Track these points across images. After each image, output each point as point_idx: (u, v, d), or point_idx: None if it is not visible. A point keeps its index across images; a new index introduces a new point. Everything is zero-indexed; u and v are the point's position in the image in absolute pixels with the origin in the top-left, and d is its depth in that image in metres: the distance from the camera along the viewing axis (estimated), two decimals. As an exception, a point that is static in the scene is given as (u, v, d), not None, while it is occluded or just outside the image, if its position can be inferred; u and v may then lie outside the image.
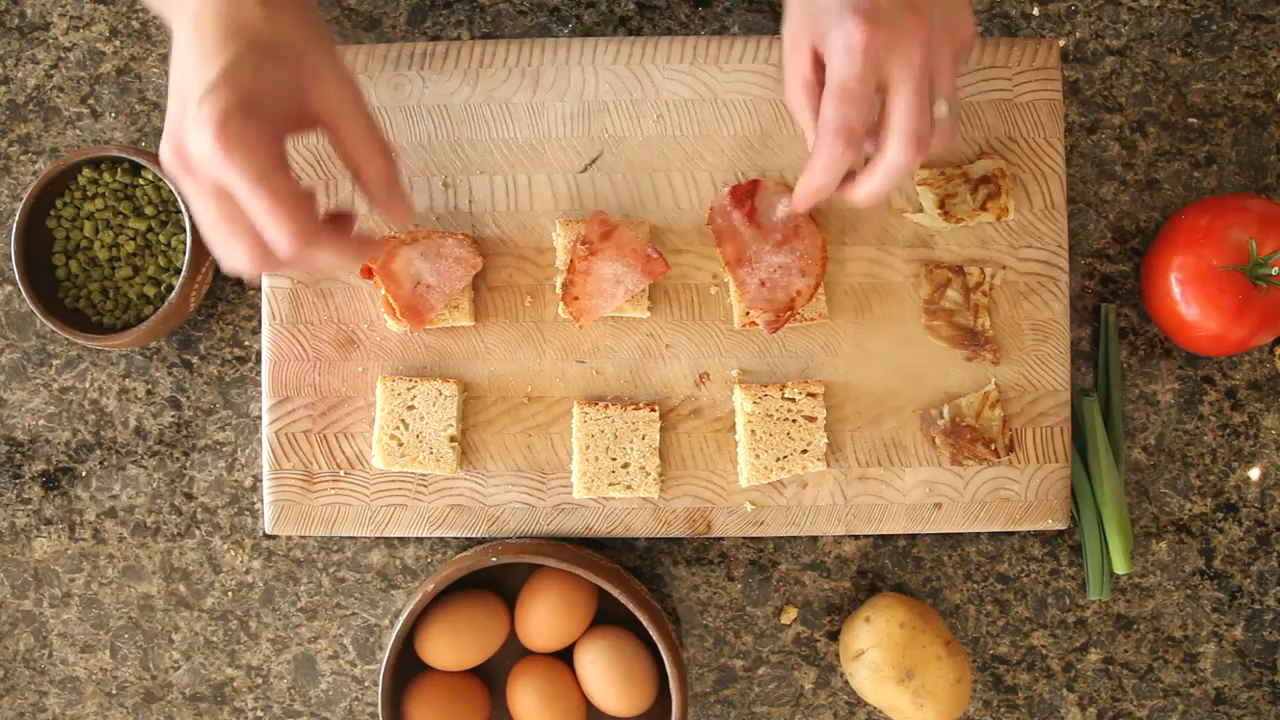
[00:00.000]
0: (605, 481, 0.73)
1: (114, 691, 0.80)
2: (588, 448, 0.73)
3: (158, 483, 0.80)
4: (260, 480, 0.79)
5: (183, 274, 0.74)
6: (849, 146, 0.57)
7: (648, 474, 0.73)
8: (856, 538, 0.79)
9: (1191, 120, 0.81)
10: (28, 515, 0.80)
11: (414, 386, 0.73)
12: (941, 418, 0.74)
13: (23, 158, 0.81)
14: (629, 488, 0.73)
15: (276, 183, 0.51)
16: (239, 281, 0.81)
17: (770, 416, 0.73)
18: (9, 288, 0.81)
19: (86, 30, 0.82)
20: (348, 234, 0.58)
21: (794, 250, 0.72)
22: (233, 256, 0.53)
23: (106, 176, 0.77)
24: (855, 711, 0.79)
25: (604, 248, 0.72)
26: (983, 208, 0.74)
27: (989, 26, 0.81)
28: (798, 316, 0.73)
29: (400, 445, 0.73)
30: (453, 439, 0.73)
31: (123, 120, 0.81)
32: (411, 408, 0.73)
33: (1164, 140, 0.80)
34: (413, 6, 0.81)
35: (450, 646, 0.72)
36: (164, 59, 0.81)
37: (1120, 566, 0.76)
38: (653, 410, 0.74)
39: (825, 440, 0.74)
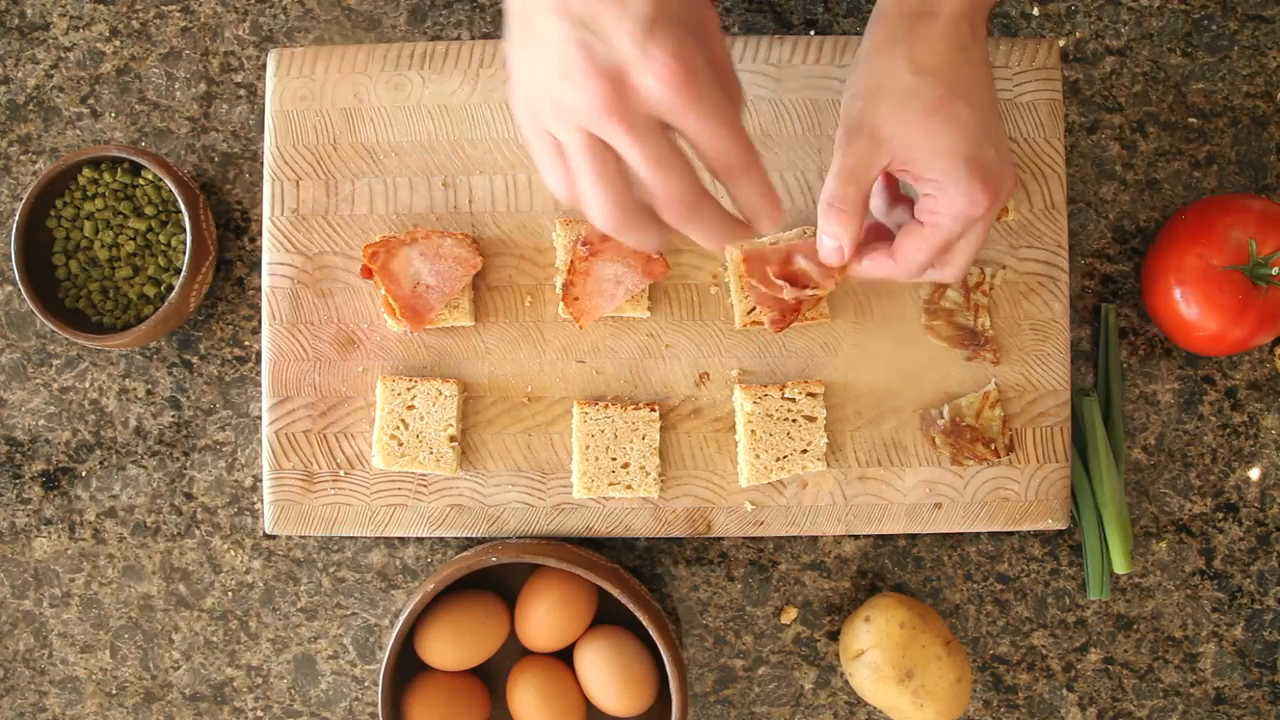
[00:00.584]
0: (605, 481, 0.73)
1: (114, 691, 0.80)
2: (588, 447, 0.73)
3: (158, 483, 0.80)
4: (260, 480, 0.79)
5: (183, 274, 0.74)
6: (917, 277, 0.62)
7: (648, 474, 0.73)
8: (856, 538, 0.79)
9: (1191, 120, 0.81)
10: (28, 515, 0.80)
11: (414, 386, 0.73)
12: (941, 418, 0.74)
13: (23, 158, 0.81)
14: (629, 487, 0.73)
15: (734, 121, 0.48)
16: (239, 281, 0.81)
17: (770, 416, 0.73)
18: (9, 288, 0.81)
19: (86, 30, 0.82)
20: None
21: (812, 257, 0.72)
22: (688, 221, 0.50)
23: (106, 176, 0.77)
24: (855, 711, 0.79)
25: (604, 248, 0.72)
26: None
27: (989, 27, 0.81)
28: (801, 316, 0.73)
29: (400, 445, 0.73)
30: (453, 439, 0.73)
31: (123, 120, 0.81)
32: (411, 408, 0.73)
33: (1164, 140, 0.80)
34: (413, 6, 0.81)
35: (450, 646, 0.72)
36: (164, 59, 0.81)
37: (1120, 566, 0.76)
38: (652, 410, 0.74)
39: (825, 440, 0.74)
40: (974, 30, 0.58)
